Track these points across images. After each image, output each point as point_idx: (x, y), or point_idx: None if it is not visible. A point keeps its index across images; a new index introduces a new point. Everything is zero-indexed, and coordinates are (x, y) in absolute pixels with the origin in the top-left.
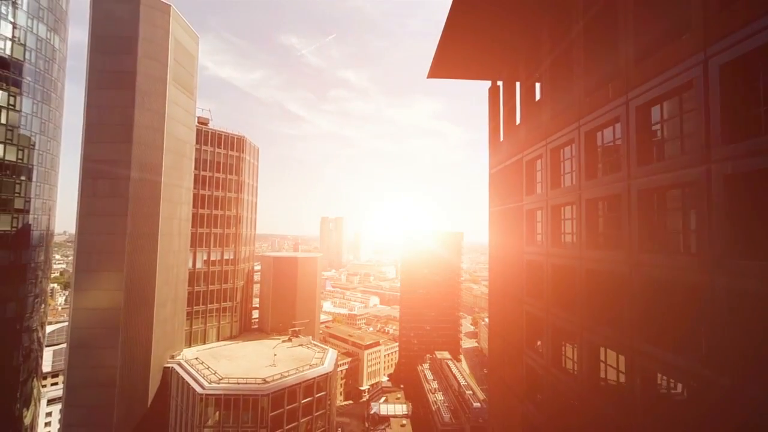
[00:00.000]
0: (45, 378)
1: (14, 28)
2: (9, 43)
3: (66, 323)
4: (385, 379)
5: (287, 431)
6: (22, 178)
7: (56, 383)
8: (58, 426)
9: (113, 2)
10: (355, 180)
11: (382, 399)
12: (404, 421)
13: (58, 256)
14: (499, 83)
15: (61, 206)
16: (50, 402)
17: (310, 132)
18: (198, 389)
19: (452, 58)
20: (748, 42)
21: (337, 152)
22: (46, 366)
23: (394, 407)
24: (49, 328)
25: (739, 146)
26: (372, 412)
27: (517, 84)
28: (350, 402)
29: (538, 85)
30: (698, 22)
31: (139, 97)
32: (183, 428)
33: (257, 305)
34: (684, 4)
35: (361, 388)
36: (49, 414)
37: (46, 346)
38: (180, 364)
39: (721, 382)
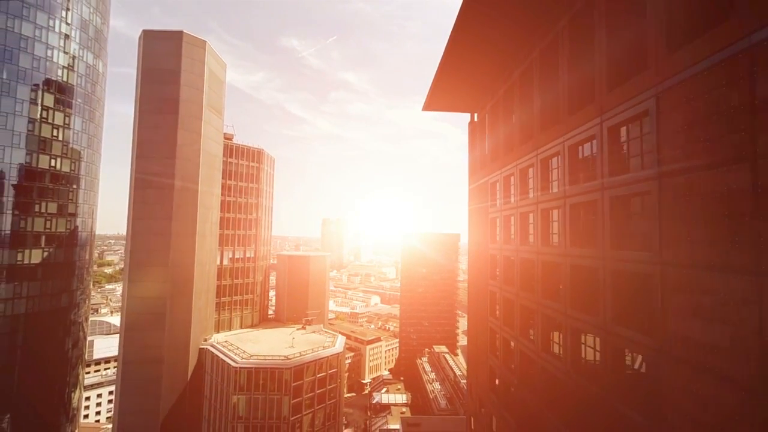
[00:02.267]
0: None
1: (68, 57)
2: (65, 71)
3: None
4: (386, 373)
5: (306, 399)
6: (74, 186)
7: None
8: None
9: (160, 40)
10: (356, 181)
11: (384, 390)
12: (404, 409)
13: None
14: (476, 118)
15: None
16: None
17: (311, 133)
18: (232, 364)
19: (441, 97)
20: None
21: (337, 153)
22: None
23: (394, 396)
24: None
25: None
26: (374, 401)
27: (486, 118)
28: (353, 394)
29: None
30: (653, 62)
31: (181, 119)
32: (217, 397)
33: (272, 298)
34: (641, 48)
35: (363, 381)
36: None
37: None
38: (213, 346)
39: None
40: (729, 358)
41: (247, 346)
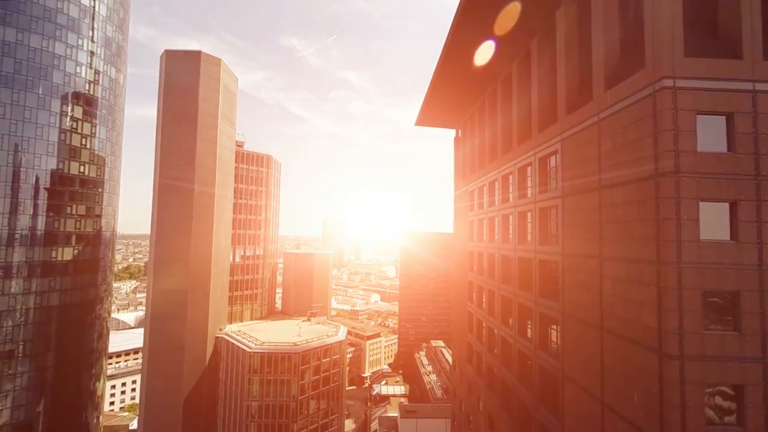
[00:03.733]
0: None
1: (93, 72)
2: (91, 85)
3: None
4: (385, 367)
5: (313, 381)
6: (99, 190)
7: None
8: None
9: (180, 59)
10: (357, 180)
11: (383, 382)
12: (402, 400)
13: None
14: (460, 134)
15: None
16: None
17: (311, 132)
18: (247, 349)
19: (429, 119)
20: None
21: (337, 153)
22: None
23: (393, 388)
24: None
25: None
26: (374, 393)
27: (466, 135)
28: (354, 387)
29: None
30: (560, 117)
31: (198, 130)
32: (232, 380)
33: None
34: (554, 105)
35: (364, 375)
36: None
37: None
38: (227, 335)
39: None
40: (589, 311)
41: (259, 334)
